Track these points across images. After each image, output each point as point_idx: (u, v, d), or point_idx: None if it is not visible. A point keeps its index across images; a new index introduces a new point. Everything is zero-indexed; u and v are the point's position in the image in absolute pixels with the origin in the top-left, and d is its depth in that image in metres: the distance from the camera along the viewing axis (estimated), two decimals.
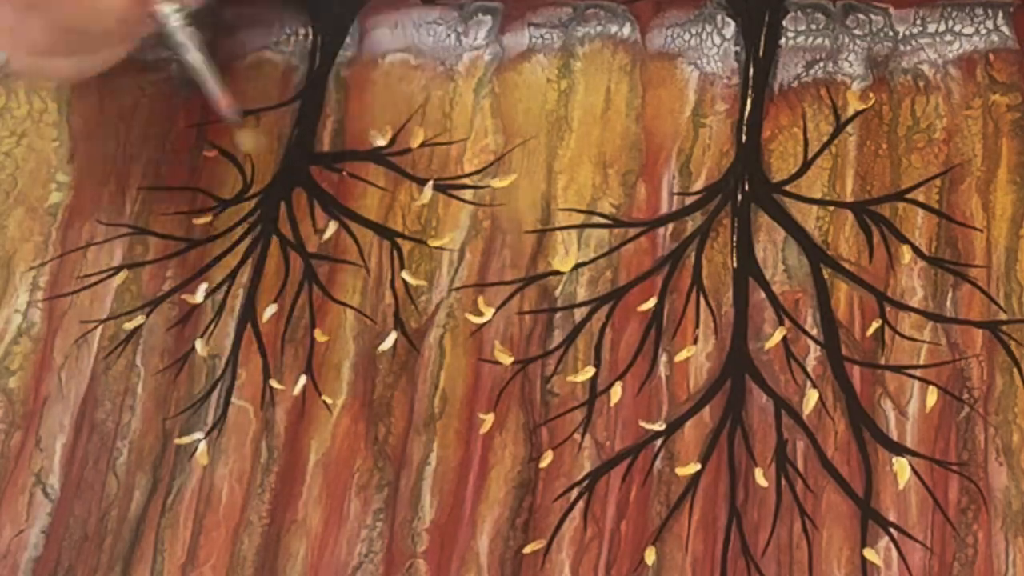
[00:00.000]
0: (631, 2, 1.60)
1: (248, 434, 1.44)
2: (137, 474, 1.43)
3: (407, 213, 1.55)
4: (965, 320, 1.37)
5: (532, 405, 1.41)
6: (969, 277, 1.39)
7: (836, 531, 1.31)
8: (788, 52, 1.56)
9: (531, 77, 1.61)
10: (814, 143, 1.49)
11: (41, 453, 1.45)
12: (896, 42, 1.52)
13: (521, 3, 1.65)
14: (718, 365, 1.39)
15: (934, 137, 1.48)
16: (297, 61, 1.67)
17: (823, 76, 1.54)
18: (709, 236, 1.46)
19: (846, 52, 1.54)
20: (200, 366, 1.48)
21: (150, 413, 1.46)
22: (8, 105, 1.71)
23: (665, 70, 1.57)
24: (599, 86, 1.58)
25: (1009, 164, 1.46)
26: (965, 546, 1.29)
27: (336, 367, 1.46)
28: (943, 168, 1.46)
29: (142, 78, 1.70)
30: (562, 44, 1.61)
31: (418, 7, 1.65)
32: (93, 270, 1.56)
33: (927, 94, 1.49)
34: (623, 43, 1.60)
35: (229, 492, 1.42)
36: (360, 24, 1.68)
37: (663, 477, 1.36)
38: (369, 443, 1.42)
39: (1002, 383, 1.35)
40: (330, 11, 1.69)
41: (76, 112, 1.71)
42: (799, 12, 1.56)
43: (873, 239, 1.42)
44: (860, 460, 1.32)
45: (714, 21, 1.58)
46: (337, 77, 1.66)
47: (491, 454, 1.40)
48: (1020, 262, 1.41)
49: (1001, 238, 1.42)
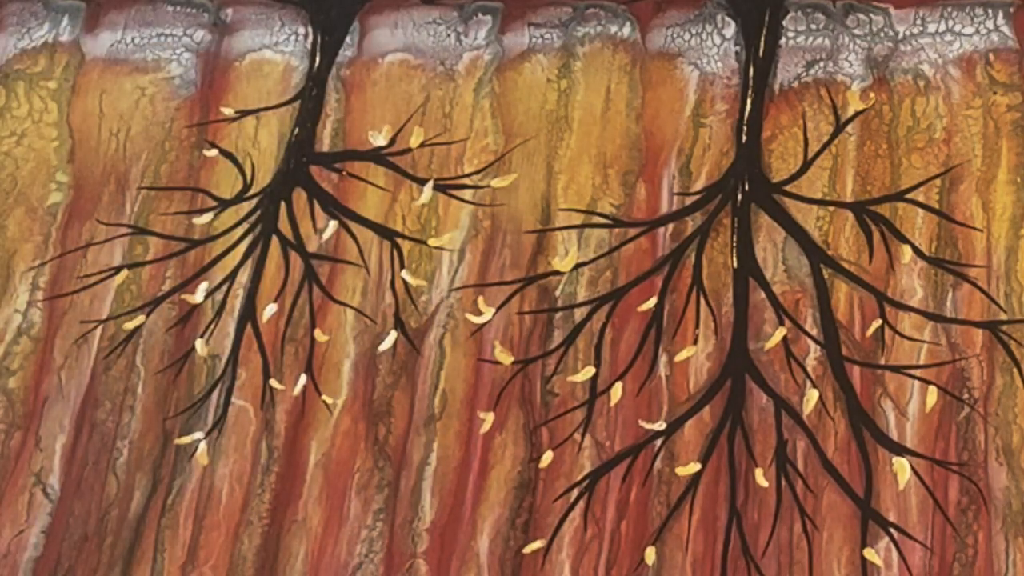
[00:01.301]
0: (631, 2, 1.60)
1: (248, 434, 1.44)
2: (137, 474, 1.43)
3: (407, 213, 1.56)
4: (965, 320, 1.37)
5: (532, 405, 1.42)
6: (969, 277, 1.39)
7: (836, 531, 1.31)
8: (788, 52, 1.56)
9: (531, 77, 1.61)
10: (814, 143, 1.49)
11: (41, 453, 1.46)
12: (896, 42, 1.53)
13: (521, 3, 1.65)
14: (718, 365, 1.40)
15: (934, 137, 1.48)
16: (297, 61, 1.67)
17: (823, 76, 1.54)
18: (709, 236, 1.47)
19: (846, 52, 1.54)
20: (200, 366, 1.48)
21: (150, 413, 1.46)
22: (8, 105, 1.72)
23: (665, 70, 1.57)
24: (599, 86, 1.58)
25: (1009, 164, 1.46)
26: (965, 546, 1.30)
27: (336, 367, 1.46)
28: (943, 168, 1.46)
29: (142, 78, 1.70)
30: (562, 44, 1.61)
31: (418, 7, 1.65)
32: (93, 270, 1.57)
33: (927, 94, 1.49)
34: (623, 43, 1.60)
35: (229, 492, 1.42)
36: (360, 24, 1.68)
37: (663, 477, 1.37)
38: (369, 443, 1.42)
39: (1002, 383, 1.35)
40: (330, 11, 1.69)
41: (76, 112, 1.71)
42: (799, 12, 1.56)
43: (873, 239, 1.42)
44: (860, 460, 1.33)
45: (714, 21, 1.58)
46: (337, 77, 1.66)
47: (491, 454, 1.40)
48: (1020, 262, 1.41)
49: (1001, 238, 1.42)
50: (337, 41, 1.68)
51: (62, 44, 1.75)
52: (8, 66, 1.72)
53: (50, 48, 1.75)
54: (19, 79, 1.73)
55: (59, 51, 1.75)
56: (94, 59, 1.73)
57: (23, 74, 1.74)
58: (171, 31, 1.73)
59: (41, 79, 1.72)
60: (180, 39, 1.73)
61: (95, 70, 1.73)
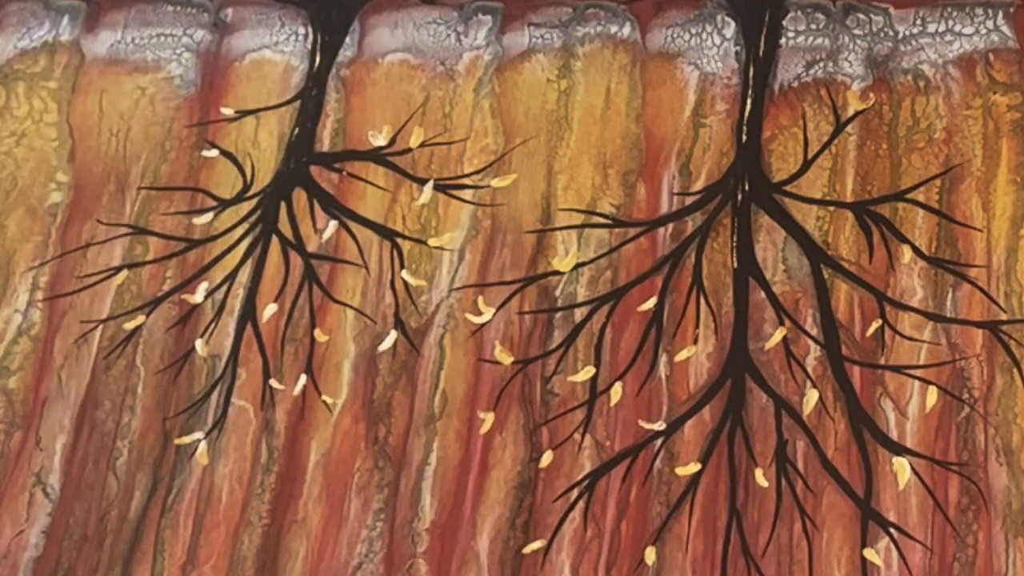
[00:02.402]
0: (631, 2, 1.60)
1: (248, 434, 1.44)
2: (137, 474, 1.43)
3: (407, 213, 1.56)
4: (965, 320, 1.37)
5: (532, 405, 1.42)
6: (969, 277, 1.39)
7: (836, 531, 1.31)
8: (788, 52, 1.56)
9: (531, 77, 1.61)
10: (814, 143, 1.49)
11: (41, 453, 1.46)
12: (896, 42, 1.53)
13: (521, 3, 1.65)
14: (718, 365, 1.40)
15: (934, 137, 1.48)
16: (297, 61, 1.67)
17: (823, 76, 1.54)
18: (709, 236, 1.47)
19: (846, 52, 1.54)
20: (200, 366, 1.48)
21: (150, 413, 1.46)
22: (8, 105, 1.72)
23: (665, 70, 1.57)
24: (599, 86, 1.59)
25: (1009, 164, 1.46)
26: (965, 546, 1.30)
27: (336, 367, 1.46)
28: (943, 168, 1.46)
29: (142, 78, 1.71)
30: (562, 44, 1.61)
31: (418, 7, 1.66)
32: (93, 270, 1.57)
33: (927, 94, 1.50)
34: (623, 43, 1.60)
35: (229, 492, 1.43)
36: (360, 24, 1.68)
37: (663, 477, 1.37)
38: (369, 443, 1.42)
39: (1002, 383, 1.35)
40: (330, 11, 1.69)
41: (76, 112, 1.71)
42: (799, 12, 1.56)
43: (873, 239, 1.43)
44: (860, 460, 1.33)
45: (714, 21, 1.58)
46: (337, 77, 1.66)
47: (491, 454, 1.41)
48: (1020, 262, 1.41)
49: (1001, 238, 1.42)
50: (337, 41, 1.68)
51: (62, 44, 1.75)
52: (8, 66, 1.72)
53: (50, 48, 1.75)
54: (19, 79, 1.73)
55: (59, 51, 1.75)
56: (94, 59, 1.74)
57: (23, 74, 1.74)
58: (171, 31, 1.73)
59: (41, 79, 1.73)
60: (180, 39, 1.73)
61: (95, 70, 1.73)
